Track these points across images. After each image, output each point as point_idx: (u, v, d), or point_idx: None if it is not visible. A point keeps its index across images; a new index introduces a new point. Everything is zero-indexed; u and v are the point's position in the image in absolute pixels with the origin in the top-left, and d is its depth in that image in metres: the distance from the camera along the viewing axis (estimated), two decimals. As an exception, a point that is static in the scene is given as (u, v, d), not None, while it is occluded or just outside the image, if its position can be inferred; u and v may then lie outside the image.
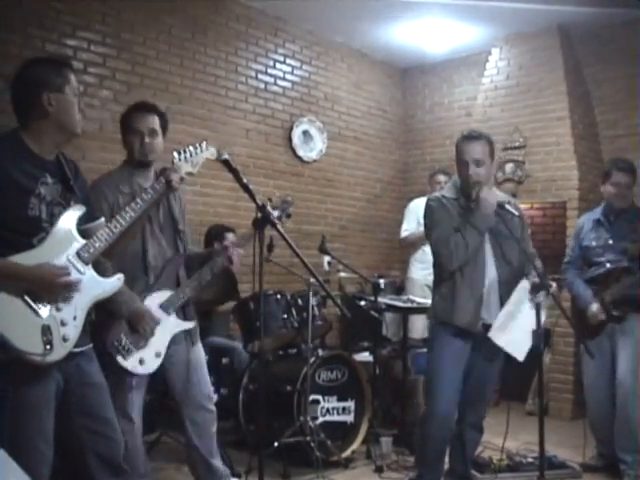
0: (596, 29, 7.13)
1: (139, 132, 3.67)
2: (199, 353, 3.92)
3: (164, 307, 3.66)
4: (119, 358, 3.50)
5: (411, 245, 6.89)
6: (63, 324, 2.62)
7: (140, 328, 3.54)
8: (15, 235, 2.61)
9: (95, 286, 2.78)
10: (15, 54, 5.10)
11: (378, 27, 7.39)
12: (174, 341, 3.72)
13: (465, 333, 3.92)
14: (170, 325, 3.68)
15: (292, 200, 4.35)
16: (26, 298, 2.53)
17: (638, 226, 4.69)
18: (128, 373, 3.55)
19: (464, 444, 4.18)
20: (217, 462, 3.99)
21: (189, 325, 3.81)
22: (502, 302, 3.87)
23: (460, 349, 3.93)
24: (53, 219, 2.70)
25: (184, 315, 3.80)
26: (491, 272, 3.93)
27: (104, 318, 3.48)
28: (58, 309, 2.62)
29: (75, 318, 2.68)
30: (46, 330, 2.56)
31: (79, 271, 2.69)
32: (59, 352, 2.60)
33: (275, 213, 4.02)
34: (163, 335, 3.64)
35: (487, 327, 3.87)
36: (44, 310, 2.57)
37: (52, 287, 2.60)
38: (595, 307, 4.73)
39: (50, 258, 2.62)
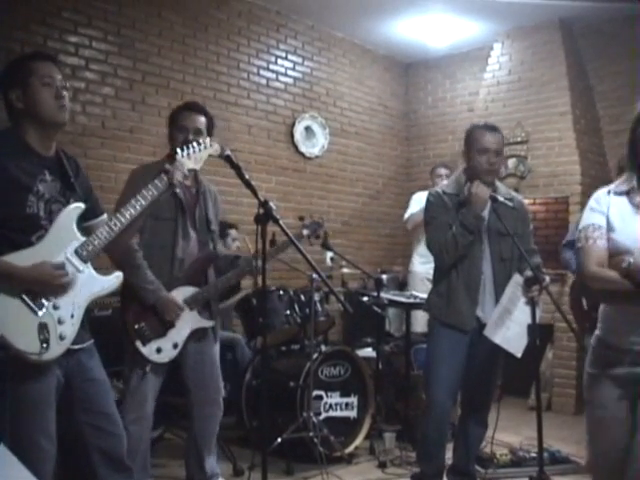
0: (598, 23, 7.12)
1: (185, 129, 3.82)
2: (217, 350, 4.06)
3: (187, 302, 3.80)
4: (137, 343, 3.66)
5: (416, 227, 6.72)
6: (60, 322, 2.63)
7: (166, 315, 3.70)
8: (13, 233, 2.61)
9: (93, 284, 2.78)
10: (17, 51, 5.10)
11: (380, 22, 7.38)
12: (199, 338, 3.88)
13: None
14: (191, 320, 3.82)
15: (323, 222, 4.49)
16: (24, 297, 2.53)
17: None
18: (144, 359, 3.69)
19: (468, 440, 4.18)
20: (210, 460, 4.05)
21: (209, 323, 3.94)
22: (497, 301, 3.87)
23: (456, 343, 3.92)
24: (52, 216, 2.69)
25: (209, 313, 3.94)
26: (487, 271, 3.93)
27: (129, 304, 3.71)
28: (56, 307, 2.62)
29: (72, 316, 2.68)
30: (43, 328, 2.56)
31: (77, 269, 2.69)
32: (55, 350, 2.61)
33: (304, 232, 4.30)
34: (183, 328, 3.79)
35: (482, 324, 3.89)
36: (41, 308, 2.58)
37: (48, 288, 2.60)
38: None
39: (49, 256, 2.62)
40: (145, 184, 3.48)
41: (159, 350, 3.71)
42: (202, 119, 3.89)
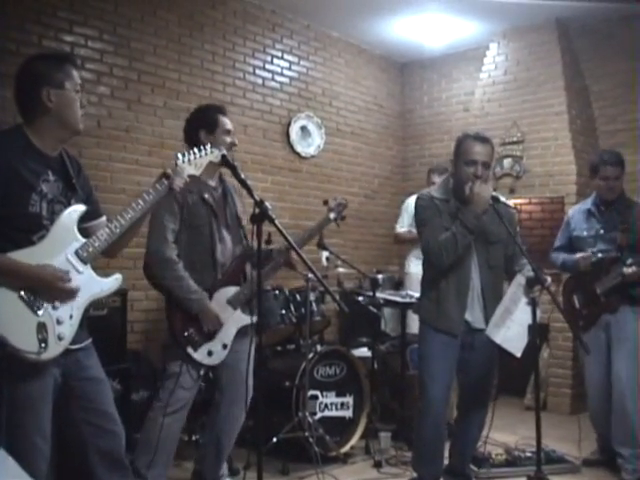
0: (594, 23, 7.12)
1: (230, 132, 4.01)
2: (252, 350, 4.04)
3: (230, 302, 3.90)
4: (189, 350, 3.77)
5: (405, 242, 6.87)
6: (59, 322, 2.63)
7: (204, 327, 3.80)
8: (15, 232, 2.61)
9: (93, 285, 2.78)
10: (12, 50, 5.09)
11: (376, 22, 7.37)
12: (240, 335, 3.96)
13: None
14: (236, 319, 3.93)
15: (346, 202, 4.58)
16: (23, 295, 2.53)
17: (628, 216, 4.71)
18: (197, 364, 3.80)
19: (464, 441, 4.18)
20: (224, 462, 4.19)
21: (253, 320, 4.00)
22: (485, 306, 3.91)
23: (447, 345, 3.94)
24: (54, 217, 2.70)
25: (249, 310, 4.00)
26: (475, 277, 3.94)
27: (175, 312, 3.80)
28: (55, 307, 2.63)
29: (71, 317, 2.69)
30: (41, 328, 2.56)
31: (77, 270, 2.69)
32: (53, 350, 2.61)
33: (331, 215, 4.42)
34: (230, 328, 3.90)
35: (472, 328, 3.93)
36: (40, 308, 2.57)
37: (51, 290, 2.60)
38: (579, 255, 4.77)
39: (49, 256, 2.62)
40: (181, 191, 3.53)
41: (210, 353, 3.82)
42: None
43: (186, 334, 3.76)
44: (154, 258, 3.79)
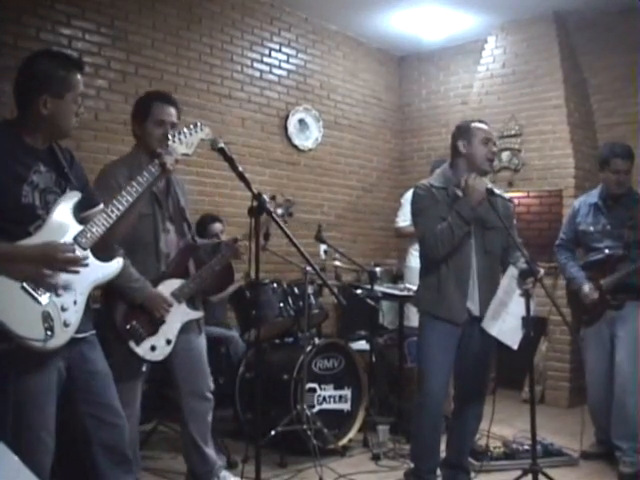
0: (592, 16, 7.11)
1: (163, 123, 3.69)
2: (203, 342, 4.00)
3: (175, 295, 3.74)
4: (131, 344, 3.57)
5: (405, 236, 6.86)
6: (63, 309, 2.63)
7: (156, 312, 3.63)
8: (10, 224, 2.61)
9: (94, 271, 2.78)
10: (10, 43, 5.09)
11: (374, 15, 7.37)
12: (185, 330, 3.81)
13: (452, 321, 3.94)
14: (180, 313, 3.77)
15: (294, 200, 4.52)
16: (25, 285, 2.52)
17: (636, 212, 4.66)
18: (139, 359, 3.62)
19: (462, 433, 4.18)
20: (210, 451, 4.04)
21: (198, 315, 3.91)
22: (482, 293, 3.90)
23: (448, 335, 3.92)
24: (48, 206, 2.70)
25: (193, 305, 3.88)
26: (473, 264, 3.94)
27: (115, 304, 3.58)
28: (58, 295, 2.62)
29: (75, 303, 2.68)
30: (46, 316, 2.56)
31: None
32: (60, 338, 2.61)
33: (279, 211, 4.22)
34: (174, 323, 3.72)
35: (473, 316, 3.91)
36: (44, 297, 2.57)
37: (56, 263, 2.58)
38: (587, 287, 4.74)
39: None
40: (124, 180, 3.45)
41: (153, 348, 3.63)
42: (175, 112, 3.77)
43: (128, 327, 3.56)
44: None
